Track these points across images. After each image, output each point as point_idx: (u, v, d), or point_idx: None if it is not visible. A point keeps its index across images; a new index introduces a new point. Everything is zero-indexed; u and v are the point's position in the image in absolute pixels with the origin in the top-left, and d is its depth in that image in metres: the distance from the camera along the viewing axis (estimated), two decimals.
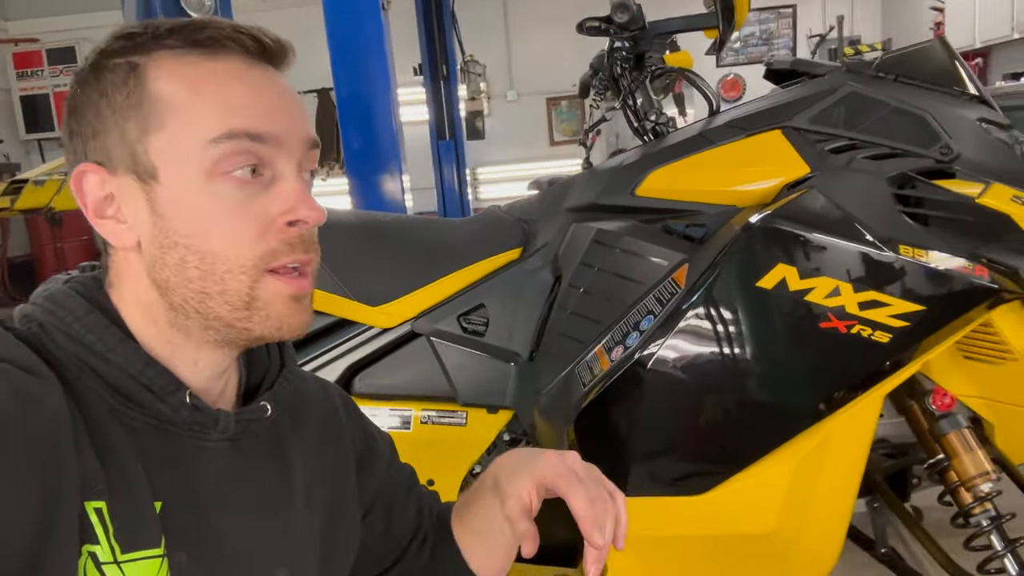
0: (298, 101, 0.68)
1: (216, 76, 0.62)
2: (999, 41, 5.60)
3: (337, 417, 0.84)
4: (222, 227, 0.62)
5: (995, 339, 1.27)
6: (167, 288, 0.63)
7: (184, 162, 0.61)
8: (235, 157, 0.61)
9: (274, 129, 0.63)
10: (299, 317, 0.66)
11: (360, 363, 1.55)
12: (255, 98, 0.63)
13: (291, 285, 0.64)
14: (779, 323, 1.18)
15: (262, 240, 0.62)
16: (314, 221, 0.65)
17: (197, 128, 0.61)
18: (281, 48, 0.66)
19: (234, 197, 0.62)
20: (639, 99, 1.57)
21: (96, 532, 0.57)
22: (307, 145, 0.66)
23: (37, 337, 0.62)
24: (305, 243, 0.65)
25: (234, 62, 0.63)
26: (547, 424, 1.32)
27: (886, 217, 1.20)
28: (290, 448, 0.74)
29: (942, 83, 1.39)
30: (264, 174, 0.63)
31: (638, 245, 1.32)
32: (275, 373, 0.74)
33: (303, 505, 0.73)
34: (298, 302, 0.65)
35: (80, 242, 7.68)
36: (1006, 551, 1.23)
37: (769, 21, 8.18)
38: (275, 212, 0.63)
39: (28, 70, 8.08)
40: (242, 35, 0.63)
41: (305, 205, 0.64)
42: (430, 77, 6.30)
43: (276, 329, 0.65)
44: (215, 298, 0.63)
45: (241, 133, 0.61)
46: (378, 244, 1.57)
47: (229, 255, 0.62)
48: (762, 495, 1.21)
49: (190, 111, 0.61)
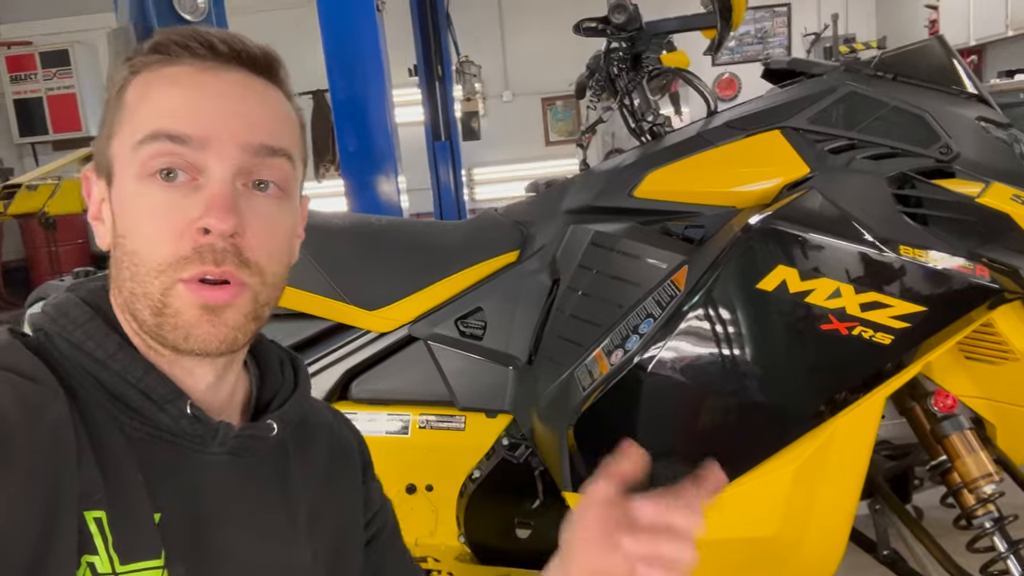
0: (254, 106, 0.64)
1: (160, 81, 0.63)
2: (993, 39, 5.61)
3: (352, 457, 0.83)
4: (144, 228, 0.61)
5: (996, 339, 1.26)
6: (118, 287, 0.64)
7: (124, 164, 0.62)
8: (157, 159, 0.61)
9: (199, 131, 0.61)
10: (209, 330, 0.61)
11: (357, 368, 1.55)
12: (187, 100, 0.62)
13: (201, 295, 0.61)
14: (780, 325, 1.17)
15: (177, 244, 0.60)
16: (217, 231, 0.60)
17: (132, 131, 0.62)
18: (239, 52, 0.64)
19: (157, 199, 0.61)
20: (636, 99, 1.56)
21: (95, 542, 0.56)
22: (249, 151, 0.62)
23: (43, 345, 0.63)
24: (216, 254, 0.60)
25: (184, 67, 0.63)
26: (546, 428, 1.31)
27: (886, 217, 1.19)
28: (294, 473, 0.73)
29: (941, 82, 1.39)
30: (197, 179, 0.61)
31: (637, 247, 1.31)
32: (286, 394, 0.73)
33: (304, 531, 0.72)
34: (211, 314, 0.61)
35: (75, 246, 7.66)
36: (1009, 553, 1.22)
37: (764, 20, 8.19)
38: (193, 216, 0.60)
39: (21, 73, 8.05)
40: (195, 40, 0.63)
41: (213, 212, 0.60)
42: (425, 78, 6.29)
43: (183, 339, 0.61)
44: (140, 300, 0.62)
45: (161, 134, 0.60)
46: (375, 248, 1.56)
47: (146, 256, 0.61)
48: (764, 498, 1.20)
49: (133, 115, 0.63)
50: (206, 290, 0.61)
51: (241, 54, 0.64)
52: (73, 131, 8.04)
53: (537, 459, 1.43)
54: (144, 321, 0.62)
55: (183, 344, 0.62)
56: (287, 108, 0.68)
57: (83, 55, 8.07)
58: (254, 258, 0.63)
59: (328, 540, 0.75)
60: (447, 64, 6.43)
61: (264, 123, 0.64)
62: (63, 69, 8.00)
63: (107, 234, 0.65)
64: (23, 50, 8.04)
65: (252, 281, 0.63)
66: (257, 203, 0.63)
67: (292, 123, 0.68)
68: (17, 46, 8.05)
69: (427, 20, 6.23)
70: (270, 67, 0.66)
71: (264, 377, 0.75)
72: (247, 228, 0.62)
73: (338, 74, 3.49)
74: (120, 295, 0.64)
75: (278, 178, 0.65)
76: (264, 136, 0.63)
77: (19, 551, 0.50)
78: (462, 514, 1.50)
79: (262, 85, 0.66)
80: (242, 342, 0.65)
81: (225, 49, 0.63)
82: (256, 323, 0.65)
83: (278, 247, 0.66)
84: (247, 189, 0.63)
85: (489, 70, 8.35)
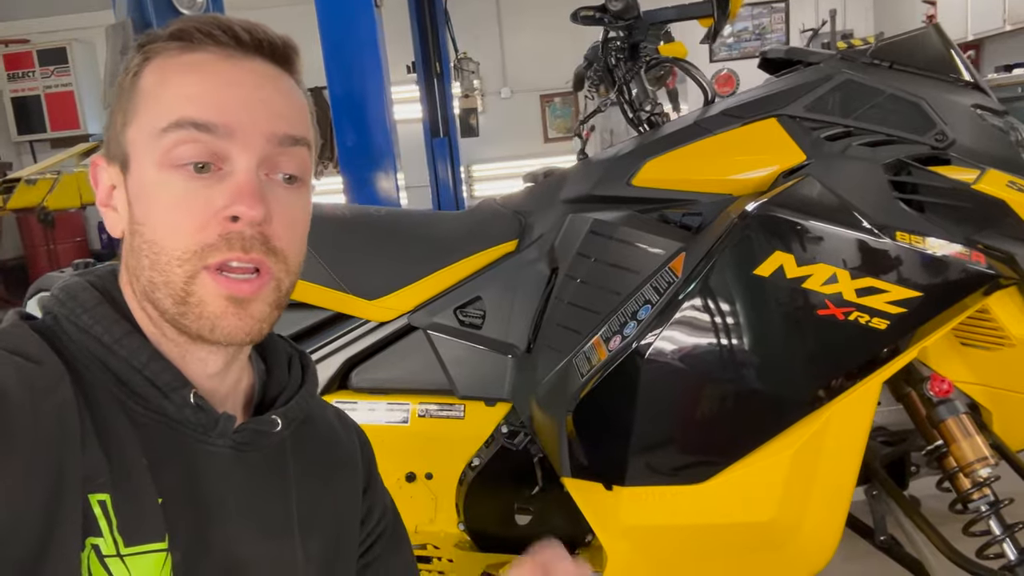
0: (275, 96, 0.64)
1: (183, 68, 0.62)
2: (991, 33, 5.61)
3: (353, 466, 0.83)
4: (166, 217, 0.61)
5: (992, 325, 1.27)
6: (134, 275, 0.64)
7: (144, 151, 0.62)
8: (182, 147, 0.60)
9: (225, 119, 0.61)
10: (235, 322, 0.62)
11: (357, 357, 1.55)
12: (212, 89, 0.61)
13: (227, 287, 0.61)
14: (777, 311, 1.17)
15: (201, 233, 0.60)
16: (247, 219, 0.61)
17: (154, 118, 0.61)
18: (261, 42, 0.64)
19: (181, 188, 0.61)
20: (634, 89, 1.56)
21: (99, 524, 0.56)
22: (273, 141, 0.63)
23: (51, 329, 0.63)
24: (245, 241, 0.61)
25: (206, 55, 0.62)
26: (545, 415, 1.32)
27: (883, 204, 1.20)
28: (293, 471, 0.74)
29: (937, 70, 1.39)
30: (222, 168, 0.61)
31: (635, 235, 1.32)
32: (292, 391, 0.74)
33: (300, 529, 0.73)
34: (236, 305, 0.62)
35: (73, 243, 7.66)
36: (1005, 536, 1.23)
37: (762, 16, 8.18)
38: (219, 205, 0.61)
39: (19, 71, 8.03)
40: (217, 28, 0.62)
41: (244, 200, 0.61)
42: (423, 75, 6.28)
43: (209, 330, 0.62)
44: (160, 289, 0.62)
45: (187, 122, 0.60)
46: (374, 238, 1.56)
47: (169, 245, 0.61)
48: (761, 484, 1.21)
49: (154, 102, 0.62)
50: (233, 283, 0.61)
51: (263, 44, 0.64)
52: (71, 129, 8.03)
53: (536, 446, 1.44)
54: (165, 310, 0.62)
55: (209, 335, 0.62)
56: (303, 96, 0.69)
57: (81, 53, 8.05)
58: (280, 246, 0.63)
59: (321, 541, 0.76)
60: (445, 61, 6.43)
61: (286, 112, 0.65)
62: (61, 67, 7.99)
63: (119, 221, 0.65)
64: (21, 48, 8.03)
65: (277, 268, 0.64)
66: (280, 192, 0.64)
67: (308, 111, 0.69)
68: (15, 44, 8.04)
69: (425, 17, 6.22)
70: (289, 57, 0.67)
71: (271, 372, 0.75)
72: (273, 216, 0.63)
73: (336, 71, 3.49)
74: (137, 283, 0.64)
75: (299, 167, 0.66)
76: (286, 126, 0.64)
77: (24, 533, 0.51)
78: (462, 502, 1.50)
79: (281, 74, 0.66)
80: (266, 332, 0.66)
81: (248, 38, 0.64)
82: (278, 311, 0.66)
83: (300, 235, 0.67)
84: (269, 179, 0.64)
85: (487, 67, 8.34)
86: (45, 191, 5.09)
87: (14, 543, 0.50)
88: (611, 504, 1.24)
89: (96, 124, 8.11)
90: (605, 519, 1.28)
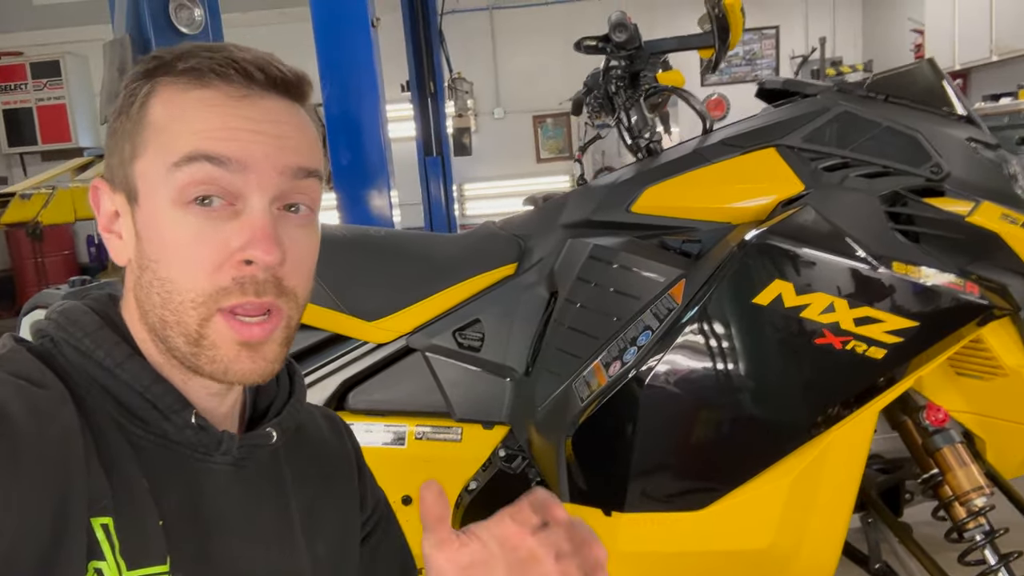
0: (289, 131, 0.64)
1: (195, 104, 0.61)
2: (978, 63, 5.71)
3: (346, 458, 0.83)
4: (181, 256, 0.60)
5: (986, 355, 1.28)
6: (143, 309, 0.63)
7: (155, 187, 0.61)
8: (196, 184, 0.59)
9: (238, 154, 0.60)
10: (249, 365, 0.62)
11: (355, 379, 1.55)
12: (226, 124, 0.61)
13: (240, 332, 0.61)
14: (775, 339, 1.19)
15: (217, 274, 0.60)
16: (262, 264, 0.60)
17: (165, 153, 0.60)
18: (275, 80, 0.64)
19: (196, 227, 0.60)
20: (633, 117, 1.58)
21: (102, 548, 0.56)
22: (287, 174, 0.62)
23: (49, 352, 0.62)
24: (259, 286, 0.60)
25: (219, 90, 0.62)
26: (544, 440, 1.32)
27: (879, 234, 1.22)
28: (289, 479, 0.73)
29: (931, 103, 1.42)
30: (235, 204, 0.61)
31: (635, 261, 1.33)
32: (283, 401, 0.73)
33: (301, 537, 0.72)
34: (250, 350, 0.62)
35: (61, 257, 7.62)
36: (999, 565, 1.24)
37: (753, 42, 8.29)
38: (234, 247, 0.60)
39: (11, 84, 8.02)
40: (231, 64, 0.62)
41: (259, 245, 0.59)
42: (418, 94, 6.33)
43: (223, 373, 0.62)
44: (172, 328, 0.61)
45: (199, 156, 0.59)
46: (373, 259, 1.57)
47: (184, 286, 0.60)
48: (760, 511, 1.22)
49: (165, 136, 0.61)
50: (245, 327, 0.61)
51: (277, 81, 0.64)
52: (63, 142, 8.01)
53: (534, 470, 1.44)
54: (177, 348, 0.62)
55: (223, 377, 0.62)
56: (315, 128, 0.68)
57: (74, 66, 8.06)
58: (291, 285, 0.63)
59: (327, 544, 0.75)
60: (440, 81, 6.48)
61: (299, 147, 0.64)
62: (54, 80, 7.99)
63: (124, 250, 0.65)
64: (13, 60, 8.02)
65: (288, 308, 0.63)
66: (291, 228, 0.64)
67: (319, 141, 0.68)
68: (8, 56, 8.03)
69: (420, 37, 6.28)
70: (302, 91, 0.66)
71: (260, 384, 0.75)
72: (287, 256, 0.62)
73: (332, 89, 3.50)
74: (146, 317, 0.63)
75: (310, 199, 0.65)
76: (300, 159, 0.64)
77: (30, 558, 0.51)
78: (458, 526, 1.48)
79: (295, 108, 0.66)
80: (277, 371, 0.65)
81: (262, 77, 0.63)
82: (288, 348, 0.66)
83: (309, 270, 0.67)
84: (281, 212, 0.63)
85: (481, 87, 8.41)
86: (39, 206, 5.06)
87: (20, 568, 0.50)
88: (610, 530, 1.24)
89: (88, 138, 8.09)
90: (603, 545, 1.27)
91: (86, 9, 7.71)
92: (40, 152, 8.26)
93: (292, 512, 0.72)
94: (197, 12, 3.03)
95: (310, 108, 0.69)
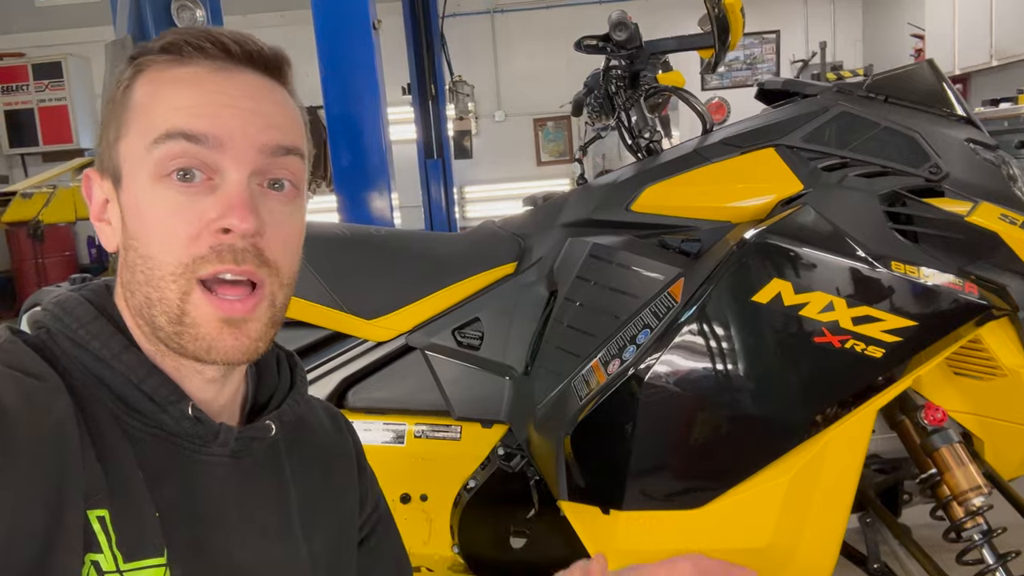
0: (267, 107, 0.64)
1: (173, 81, 0.62)
2: (978, 68, 5.72)
3: (345, 453, 0.83)
4: (160, 230, 0.61)
5: (984, 355, 1.28)
6: (129, 291, 0.63)
7: (136, 165, 0.61)
8: (173, 159, 0.60)
9: (216, 131, 0.60)
10: (231, 343, 0.62)
11: (354, 377, 1.55)
12: (203, 100, 0.61)
13: (221, 308, 0.61)
14: (774, 338, 1.19)
15: (194, 244, 0.60)
16: (239, 231, 0.60)
17: (145, 132, 0.61)
18: (252, 53, 0.64)
19: (174, 200, 0.60)
20: (634, 117, 1.59)
21: (99, 540, 0.56)
22: (265, 151, 0.62)
23: (45, 343, 0.62)
24: (237, 253, 0.60)
25: (197, 68, 0.62)
26: (543, 438, 1.32)
27: (878, 234, 1.22)
28: (288, 472, 0.73)
29: (930, 104, 1.42)
30: (213, 179, 0.61)
31: (634, 259, 1.33)
32: (283, 394, 0.73)
33: (300, 530, 0.72)
34: (232, 327, 0.62)
35: (62, 257, 7.62)
36: (997, 565, 1.24)
37: (753, 46, 8.31)
38: (210, 217, 0.60)
39: (13, 84, 8.03)
40: (208, 41, 0.62)
41: (235, 212, 0.60)
42: (419, 97, 6.35)
43: (206, 352, 0.62)
44: (156, 306, 0.61)
45: (176, 133, 0.60)
46: (373, 257, 1.57)
47: (162, 259, 0.60)
48: (758, 510, 1.21)
49: (145, 115, 0.62)
50: (226, 303, 0.61)
51: (254, 55, 0.64)
52: (64, 143, 8.02)
53: (532, 469, 1.44)
54: (160, 327, 0.62)
55: (206, 356, 0.62)
56: (295, 106, 0.68)
57: (76, 68, 8.06)
58: (273, 258, 0.63)
59: (325, 537, 0.75)
60: (440, 83, 6.50)
61: (278, 123, 0.64)
62: (55, 81, 7.99)
63: (114, 236, 0.65)
64: (15, 61, 8.03)
65: (271, 281, 0.63)
66: (273, 203, 0.64)
67: (300, 120, 0.68)
68: (9, 57, 8.04)
69: (422, 40, 6.30)
70: (280, 68, 0.67)
71: (261, 376, 0.75)
72: (266, 228, 0.62)
73: (333, 91, 3.51)
74: (133, 298, 0.63)
75: (292, 176, 0.65)
76: (279, 136, 0.64)
77: (26, 550, 0.51)
78: (456, 524, 1.50)
79: (273, 85, 0.66)
80: (263, 350, 0.65)
81: (238, 51, 0.63)
82: (275, 328, 0.66)
83: (294, 246, 0.66)
84: (262, 189, 0.63)
85: (482, 90, 8.42)
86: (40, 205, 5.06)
87: (15, 560, 0.50)
88: (608, 528, 1.24)
89: (89, 139, 8.10)
90: (602, 543, 1.28)
91: (88, 10, 7.74)
92: (41, 153, 8.27)
93: (291, 505, 0.72)
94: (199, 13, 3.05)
95: (294, 92, 0.69)
